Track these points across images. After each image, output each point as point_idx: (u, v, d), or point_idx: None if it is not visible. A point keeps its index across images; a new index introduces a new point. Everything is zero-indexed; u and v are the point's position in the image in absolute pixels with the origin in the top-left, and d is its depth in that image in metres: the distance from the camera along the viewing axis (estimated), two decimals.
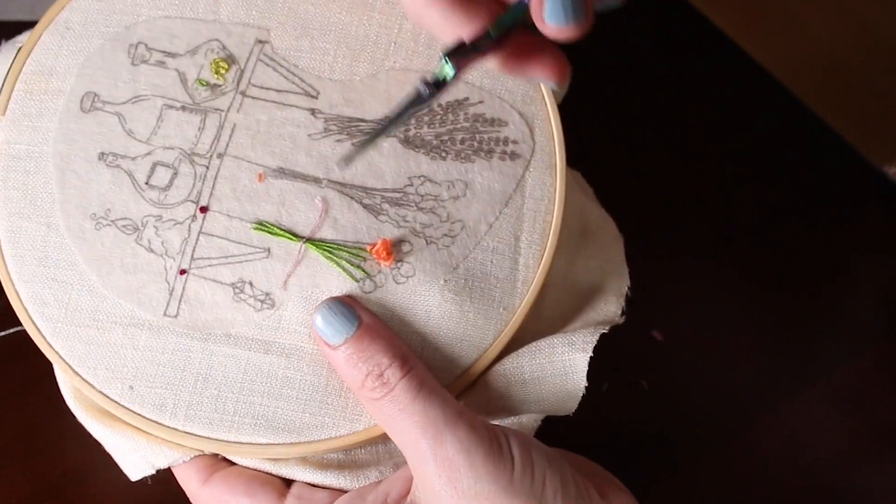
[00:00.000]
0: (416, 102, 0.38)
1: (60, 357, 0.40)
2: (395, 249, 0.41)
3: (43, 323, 0.40)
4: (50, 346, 0.40)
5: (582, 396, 0.43)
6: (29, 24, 0.46)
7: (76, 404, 0.42)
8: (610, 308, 0.45)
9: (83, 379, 0.40)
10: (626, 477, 0.41)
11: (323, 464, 0.40)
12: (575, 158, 0.59)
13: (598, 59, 0.61)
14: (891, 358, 0.54)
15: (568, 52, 0.39)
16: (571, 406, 0.42)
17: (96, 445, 0.41)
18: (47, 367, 0.42)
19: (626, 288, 0.45)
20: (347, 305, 0.40)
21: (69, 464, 0.46)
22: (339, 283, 0.40)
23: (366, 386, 0.38)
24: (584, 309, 0.45)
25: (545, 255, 0.42)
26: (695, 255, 0.56)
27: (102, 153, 0.42)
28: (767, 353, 0.53)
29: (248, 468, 0.40)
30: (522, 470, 0.36)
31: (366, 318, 0.40)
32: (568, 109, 0.57)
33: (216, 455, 0.41)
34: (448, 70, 0.37)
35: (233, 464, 0.41)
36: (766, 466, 0.50)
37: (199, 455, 0.40)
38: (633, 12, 0.66)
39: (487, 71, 0.44)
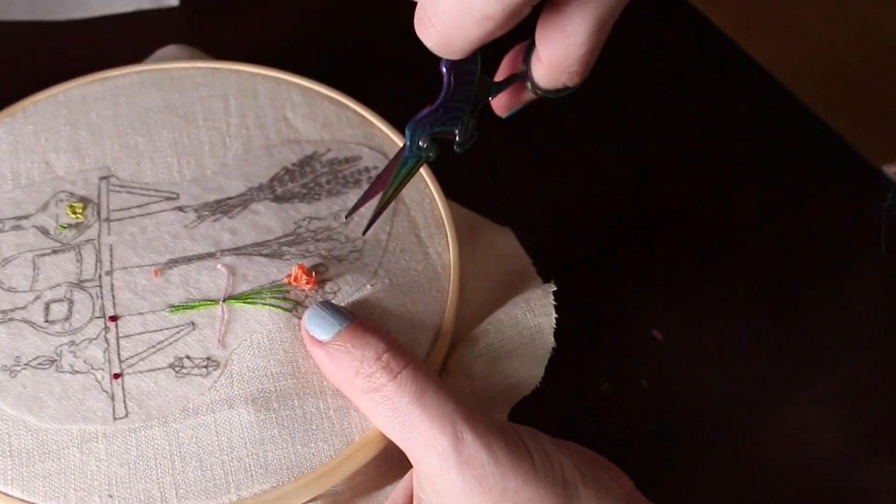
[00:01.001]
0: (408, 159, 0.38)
1: (23, 501, 0.38)
2: (312, 272, 0.42)
3: None
4: (9, 496, 0.38)
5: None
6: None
7: None
8: (532, 285, 0.47)
9: None
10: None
11: None
12: (575, 158, 0.60)
13: (598, 58, 0.61)
14: (891, 358, 0.54)
15: None
16: (538, 374, 0.43)
17: None
18: None
19: (533, 267, 0.49)
20: (338, 306, 0.39)
21: None
22: (272, 319, 0.41)
23: (361, 373, 0.36)
24: (507, 292, 0.46)
25: (449, 240, 0.45)
26: (695, 255, 0.56)
27: None
28: (767, 353, 0.53)
29: None
30: (541, 461, 0.35)
31: (359, 315, 0.39)
32: (567, 109, 0.57)
33: None
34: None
35: None
36: (766, 466, 0.50)
37: None
38: (634, 12, 0.66)
39: (325, 125, 0.47)
